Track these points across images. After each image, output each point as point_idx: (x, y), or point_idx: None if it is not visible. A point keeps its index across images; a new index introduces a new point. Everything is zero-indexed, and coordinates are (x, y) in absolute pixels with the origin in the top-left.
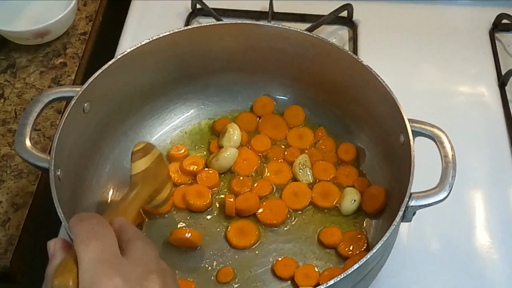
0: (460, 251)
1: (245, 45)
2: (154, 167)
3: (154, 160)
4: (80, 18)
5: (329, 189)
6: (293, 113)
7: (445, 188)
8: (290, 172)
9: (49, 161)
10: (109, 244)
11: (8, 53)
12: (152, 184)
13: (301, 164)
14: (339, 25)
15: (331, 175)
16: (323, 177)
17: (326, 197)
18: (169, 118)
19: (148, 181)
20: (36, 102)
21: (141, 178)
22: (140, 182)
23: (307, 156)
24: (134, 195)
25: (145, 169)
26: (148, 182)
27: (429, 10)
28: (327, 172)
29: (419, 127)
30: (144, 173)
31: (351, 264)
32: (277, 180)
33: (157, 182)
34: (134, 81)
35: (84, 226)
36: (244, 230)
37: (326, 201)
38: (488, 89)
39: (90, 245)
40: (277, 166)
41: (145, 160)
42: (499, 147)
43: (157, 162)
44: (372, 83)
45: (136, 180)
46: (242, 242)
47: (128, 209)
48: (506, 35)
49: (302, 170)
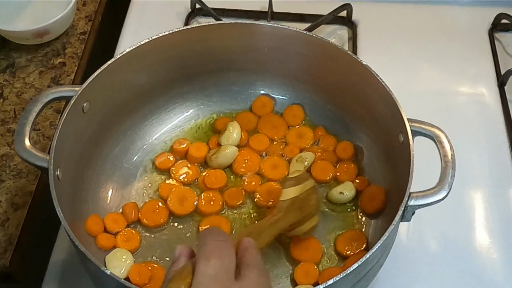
0: (459, 251)
1: (244, 45)
2: (303, 198)
3: (306, 191)
4: (79, 18)
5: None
6: (293, 112)
7: (444, 187)
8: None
9: (49, 161)
10: (227, 266)
11: (8, 53)
12: (297, 215)
13: (301, 158)
14: (339, 25)
15: (329, 174)
16: (322, 176)
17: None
18: (169, 118)
19: (294, 210)
20: (35, 101)
21: (287, 206)
22: (284, 210)
23: (312, 155)
24: (274, 221)
25: (293, 198)
26: (293, 212)
27: (428, 10)
28: (326, 171)
29: (419, 127)
30: (291, 201)
31: (351, 264)
32: (273, 176)
33: (302, 213)
34: (133, 81)
35: (211, 241)
36: None
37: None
38: (487, 89)
39: (210, 261)
40: (275, 161)
41: (296, 189)
42: (498, 147)
43: (308, 194)
44: (371, 83)
45: (282, 206)
46: None
47: (264, 233)
48: (506, 35)
49: (297, 163)
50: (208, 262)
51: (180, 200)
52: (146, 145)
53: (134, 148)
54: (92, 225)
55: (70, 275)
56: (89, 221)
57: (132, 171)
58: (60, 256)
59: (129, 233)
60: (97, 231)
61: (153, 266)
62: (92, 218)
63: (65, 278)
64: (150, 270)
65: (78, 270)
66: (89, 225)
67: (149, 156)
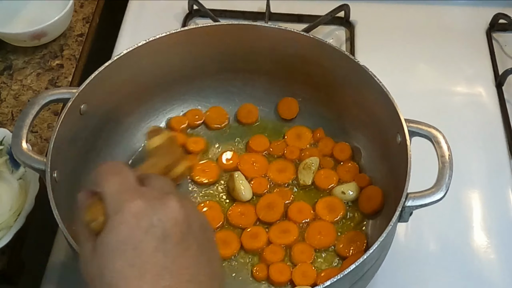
0: (457, 251)
1: (242, 46)
2: (167, 144)
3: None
4: (77, 20)
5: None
6: (287, 105)
7: (442, 188)
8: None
9: (46, 163)
10: (127, 177)
11: (5, 55)
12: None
13: (307, 164)
14: (336, 26)
15: (333, 180)
16: (326, 185)
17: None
18: (167, 120)
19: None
20: (32, 104)
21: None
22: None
23: (316, 159)
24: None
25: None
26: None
27: (426, 10)
28: (329, 179)
29: (416, 127)
30: (158, 148)
31: (349, 264)
32: (279, 179)
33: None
34: (131, 83)
35: (103, 167)
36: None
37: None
38: (485, 89)
39: (110, 180)
40: (281, 164)
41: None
42: (496, 147)
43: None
44: (369, 83)
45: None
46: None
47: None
48: (503, 35)
49: (304, 170)
50: (108, 182)
51: None
52: (143, 147)
53: (132, 150)
54: None
55: (68, 277)
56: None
57: None
58: (57, 259)
59: None
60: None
61: None
62: None
63: (63, 280)
64: None
65: (76, 273)
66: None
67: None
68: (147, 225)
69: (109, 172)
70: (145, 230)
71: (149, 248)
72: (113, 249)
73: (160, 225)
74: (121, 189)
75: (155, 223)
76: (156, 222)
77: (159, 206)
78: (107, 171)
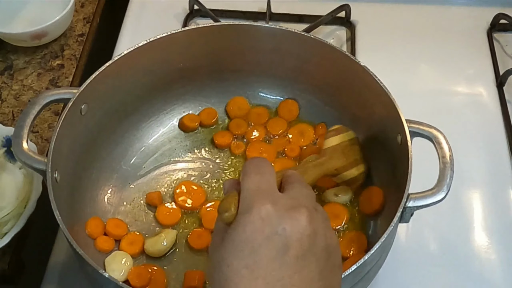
0: (458, 252)
1: (242, 46)
2: (345, 145)
3: (347, 140)
4: (77, 20)
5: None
6: (288, 107)
7: (443, 188)
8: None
9: (46, 163)
10: (268, 179)
11: (6, 55)
12: (340, 160)
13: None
14: (337, 26)
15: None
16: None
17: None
18: (167, 119)
19: (337, 155)
20: (33, 104)
21: (330, 151)
22: (328, 155)
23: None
24: (318, 162)
25: (335, 145)
26: (336, 156)
27: (427, 11)
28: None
29: (417, 128)
30: (333, 148)
31: (350, 265)
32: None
33: (347, 159)
34: (131, 83)
35: (251, 163)
36: None
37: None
38: (486, 89)
39: (251, 177)
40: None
41: (337, 138)
42: (497, 147)
43: (350, 143)
44: (369, 84)
45: (325, 152)
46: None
47: (308, 171)
48: (504, 35)
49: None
50: (249, 178)
51: None
52: (144, 147)
53: (133, 150)
54: (92, 227)
55: (69, 277)
56: (90, 223)
57: (131, 173)
58: (58, 259)
59: (133, 236)
60: (97, 233)
61: (153, 269)
62: (92, 220)
63: (63, 280)
64: (150, 273)
65: (76, 273)
66: (89, 227)
67: (148, 158)
68: (270, 232)
69: (253, 169)
70: (267, 237)
71: (267, 255)
72: (234, 246)
73: (283, 235)
74: (258, 189)
75: (279, 232)
76: (281, 231)
77: (287, 216)
78: (252, 167)
